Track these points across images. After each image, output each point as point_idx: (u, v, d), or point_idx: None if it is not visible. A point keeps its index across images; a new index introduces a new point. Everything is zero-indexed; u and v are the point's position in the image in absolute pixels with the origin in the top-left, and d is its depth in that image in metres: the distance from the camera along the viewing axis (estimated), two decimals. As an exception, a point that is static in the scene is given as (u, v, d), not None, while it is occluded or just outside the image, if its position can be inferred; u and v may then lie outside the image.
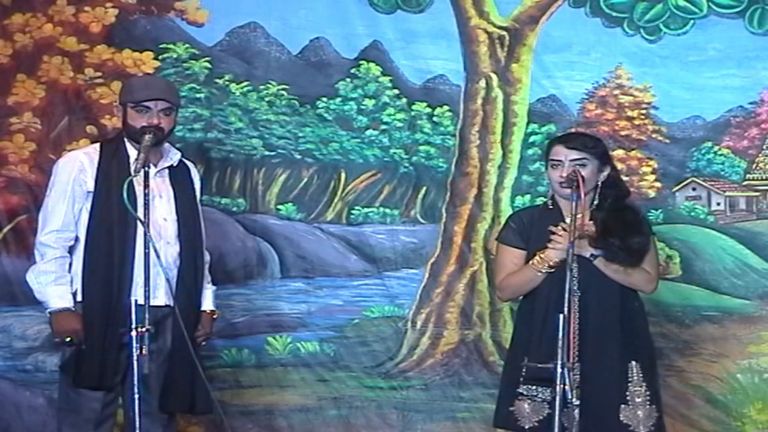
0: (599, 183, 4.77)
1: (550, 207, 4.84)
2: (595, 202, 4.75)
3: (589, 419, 4.56)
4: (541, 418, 4.70)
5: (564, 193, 4.69)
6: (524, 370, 4.66)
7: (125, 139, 4.92)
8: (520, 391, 4.73)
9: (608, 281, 4.76)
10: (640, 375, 4.76)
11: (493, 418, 4.91)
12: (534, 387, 4.70)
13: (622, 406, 4.73)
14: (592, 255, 4.72)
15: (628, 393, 4.74)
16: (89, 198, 4.84)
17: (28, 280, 4.86)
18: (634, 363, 4.77)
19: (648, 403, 4.75)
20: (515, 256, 4.83)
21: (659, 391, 4.85)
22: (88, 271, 4.80)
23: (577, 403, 4.38)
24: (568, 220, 4.75)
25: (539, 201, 5.34)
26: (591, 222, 4.73)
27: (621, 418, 4.72)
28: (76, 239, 4.86)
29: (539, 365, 4.47)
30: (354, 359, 6.24)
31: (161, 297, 4.79)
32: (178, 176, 4.99)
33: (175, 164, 5.01)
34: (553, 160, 4.78)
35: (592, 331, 4.64)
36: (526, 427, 4.72)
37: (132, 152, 4.85)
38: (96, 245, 4.80)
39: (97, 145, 5.00)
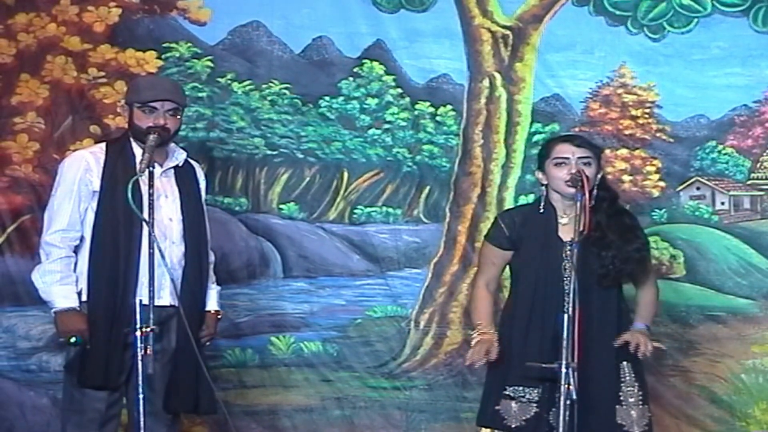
0: (595, 185, 4.76)
1: (541, 211, 4.81)
2: (592, 203, 4.71)
3: (586, 420, 4.53)
4: (528, 417, 4.70)
5: (569, 192, 4.68)
6: (522, 369, 4.63)
7: (131, 139, 4.91)
8: (507, 392, 4.72)
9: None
10: (632, 375, 4.78)
11: (477, 417, 4.90)
12: (521, 388, 4.70)
13: (617, 407, 4.73)
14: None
15: (621, 393, 4.74)
16: (95, 198, 4.83)
17: (34, 279, 4.85)
18: (625, 363, 4.78)
19: (641, 403, 4.76)
20: (495, 255, 4.84)
21: (648, 391, 4.86)
22: (93, 270, 4.79)
23: (568, 403, 4.36)
24: (563, 221, 4.76)
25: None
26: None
27: (616, 419, 4.72)
28: (82, 239, 4.85)
29: (543, 365, 4.46)
30: (357, 359, 6.23)
31: (166, 297, 4.79)
32: (184, 176, 4.98)
33: (180, 164, 5.00)
34: (558, 158, 4.77)
35: (589, 332, 4.59)
36: (513, 426, 4.71)
37: (138, 152, 4.84)
38: (101, 245, 4.79)
39: (103, 145, 4.99)
